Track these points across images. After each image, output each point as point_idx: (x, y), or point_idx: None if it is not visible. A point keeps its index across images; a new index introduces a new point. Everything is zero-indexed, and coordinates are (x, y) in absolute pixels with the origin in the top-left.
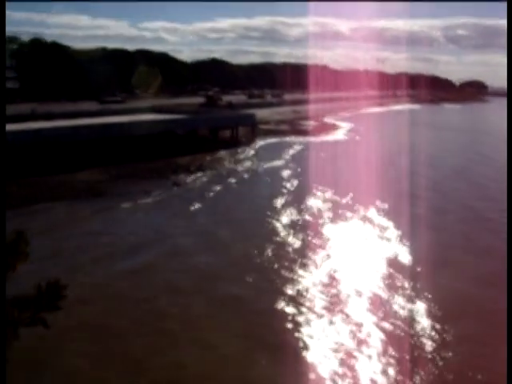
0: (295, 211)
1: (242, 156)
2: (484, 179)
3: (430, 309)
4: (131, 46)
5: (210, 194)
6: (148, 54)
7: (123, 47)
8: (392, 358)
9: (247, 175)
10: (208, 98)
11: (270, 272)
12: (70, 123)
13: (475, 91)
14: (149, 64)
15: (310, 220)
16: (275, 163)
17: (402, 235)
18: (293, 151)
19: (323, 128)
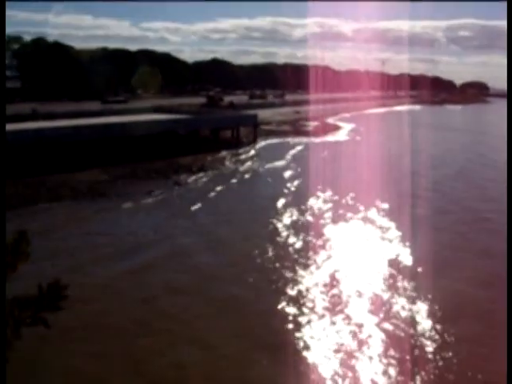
0: (296, 211)
1: (244, 156)
2: (484, 180)
3: (430, 309)
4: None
5: (211, 194)
6: (150, 54)
7: (125, 47)
8: (392, 358)
9: (248, 175)
10: (209, 99)
11: (271, 272)
12: (72, 123)
13: (477, 92)
14: (151, 64)
15: (311, 220)
16: (277, 164)
17: (403, 235)
18: (294, 152)
19: (325, 129)
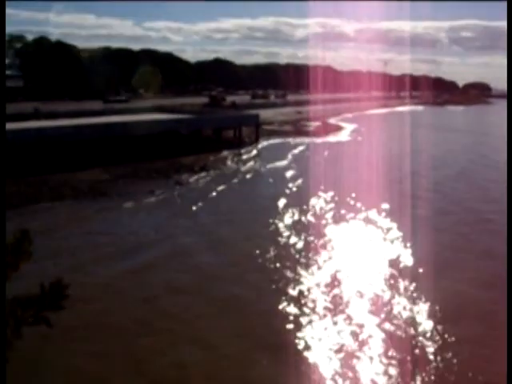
0: (298, 211)
1: (246, 156)
2: (486, 181)
3: (432, 310)
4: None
5: (213, 194)
6: (152, 54)
7: (127, 47)
8: (393, 359)
9: (250, 175)
10: (212, 98)
11: (272, 272)
12: (73, 122)
13: (479, 93)
14: (153, 64)
15: (313, 220)
16: (278, 164)
17: (404, 236)
18: (296, 152)
19: (326, 129)
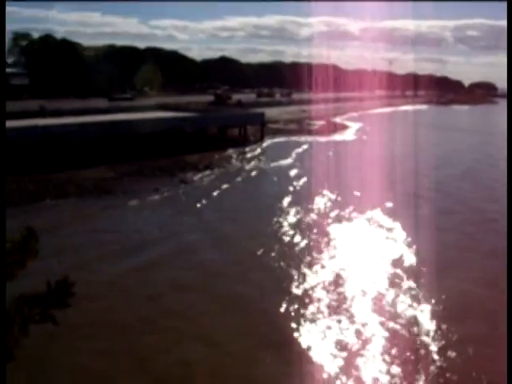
0: (302, 210)
1: (251, 155)
2: (491, 180)
3: (436, 309)
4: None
5: (217, 192)
6: (158, 52)
7: (133, 45)
8: (396, 358)
9: (255, 174)
10: (217, 97)
11: (276, 270)
12: (78, 120)
13: (485, 93)
14: (158, 62)
15: (316, 219)
16: (283, 162)
17: (408, 235)
18: (301, 150)
19: (331, 128)
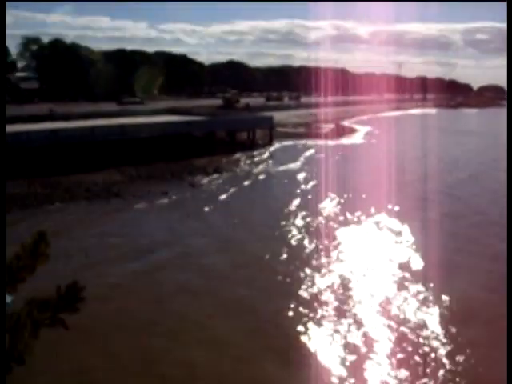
0: (309, 214)
1: (259, 158)
2: (497, 184)
3: (443, 313)
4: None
5: (225, 196)
6: (166, 56)
7: (142, 49)
8: (403, 361)
9: (263, 177)
10: (226, 100)
11: (283, 274)
12: (88, 124)
13: (494, 96)
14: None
15: (324, 223)
16: (291, 166)
17: (415, 239)
18: (309, 154)
19: (340, 131)
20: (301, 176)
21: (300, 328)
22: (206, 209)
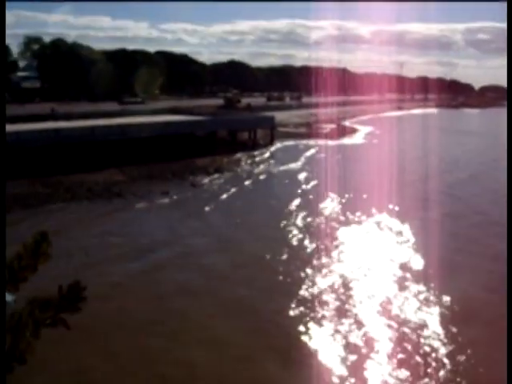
0: (310, 214)
1: (260, 158)
2: (497, 184)
3: (444, 312)
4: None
5: (226, 196)
6: (168, 56)
7: (143, 48)
8: (404, 361)
9: (264, 177)
10: (227, 100)
11: (283, 274)
12: (89, 123)
13: (495, 96)
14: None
15: (324, 223)
16: (292, 166)
17: (415, 239)
18: (310, 154)
19: (341, 131)
20: (302, 176)
21: (301, 328)
22: (207, 208)
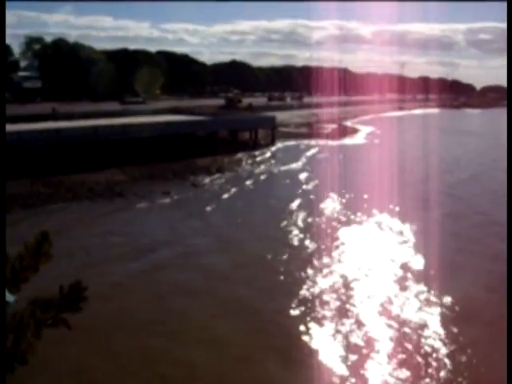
0: (311, 213)
1: (261, 158)
2: (497, 184)
3: (445, 312)
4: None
5: (227, 196)
6: (169, 56)
7: (145, 48)
8: (404, 361)
9: (265, 177)
10: (228, 100)
11: (283, 274)
12: (90, 123)
13: (497, 96)
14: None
15: (325, 223)
16: (293, 166)
17: (416, 239)
18: (311, 154)
19: (342, 131)
20: (303, 176)
21: (302, 328)
22: (208, 208)
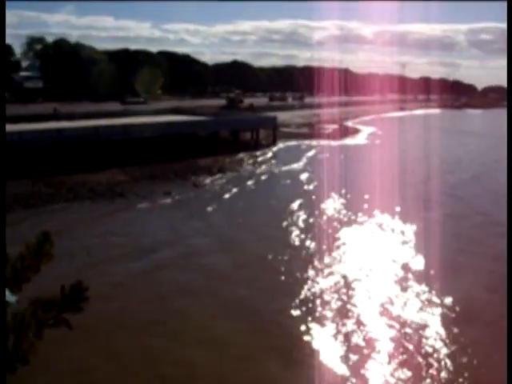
0: (312, 214)
1: (262, 158)
2: (498, 185)
3: (446, 313)
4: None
5: (228, 196)
6: (170, 56)
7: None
8: (408, 362)
9: (266, 177)
10: (229, 100)
11: (284, 274)
12: (91, 123)
13: (498, 97)
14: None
15: (326, 223)
16: (295, 166)
17: (417, 240)
18: (312, 154)
19: (344, 132)
20: (304, 176)
21: (303, 328)
22: (209, 209)
